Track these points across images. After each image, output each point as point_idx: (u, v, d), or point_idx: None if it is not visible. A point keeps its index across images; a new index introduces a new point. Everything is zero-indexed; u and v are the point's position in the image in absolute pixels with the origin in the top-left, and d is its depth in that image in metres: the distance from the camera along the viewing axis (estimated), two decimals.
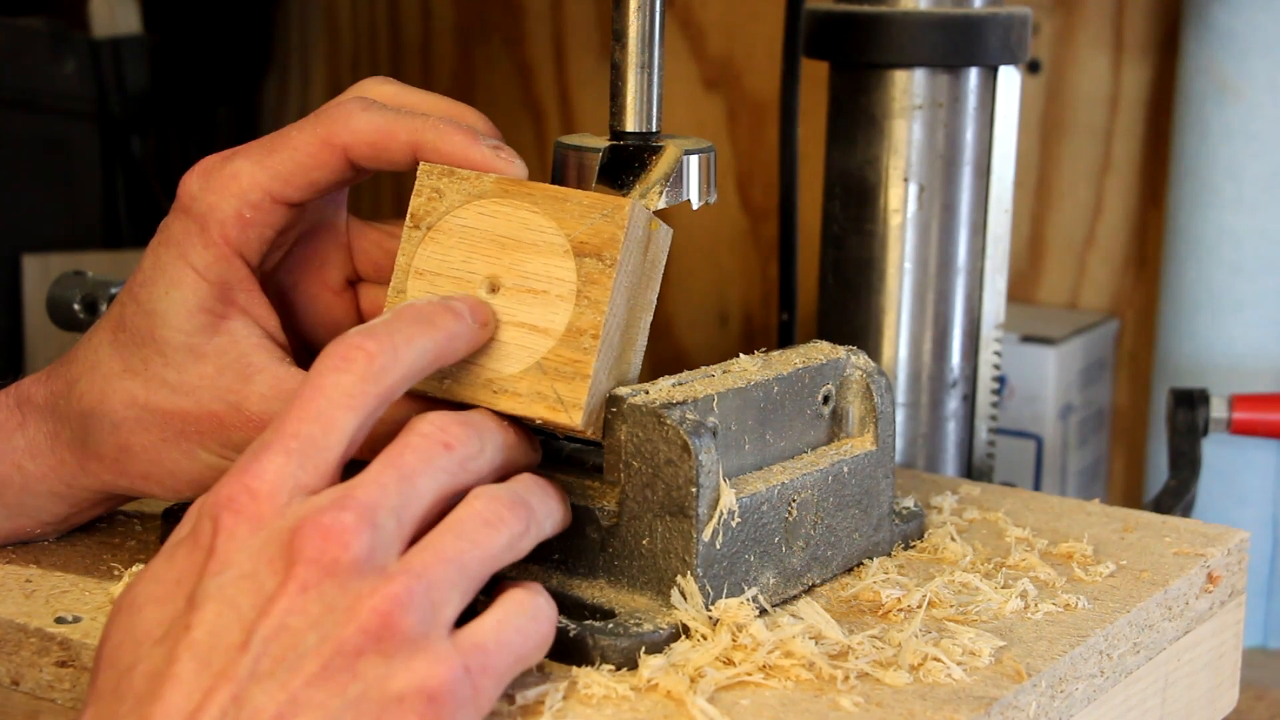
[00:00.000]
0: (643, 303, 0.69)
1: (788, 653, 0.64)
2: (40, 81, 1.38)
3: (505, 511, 0.62)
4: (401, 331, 0.63)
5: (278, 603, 0.56)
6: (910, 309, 0.95)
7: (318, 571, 0.56)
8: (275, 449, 0.59)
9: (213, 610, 0.56)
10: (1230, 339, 1.11)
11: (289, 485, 0.58)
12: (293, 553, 0.56)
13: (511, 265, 0.68)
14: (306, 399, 0.60)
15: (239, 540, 0.57)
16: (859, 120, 0.94)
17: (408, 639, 0.56)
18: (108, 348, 0.72)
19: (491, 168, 0.69)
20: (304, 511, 0.57)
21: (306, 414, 0.60)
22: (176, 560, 0.59)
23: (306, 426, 0.59)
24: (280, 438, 0.59)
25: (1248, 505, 1.11)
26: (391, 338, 0.62)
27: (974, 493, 0.86)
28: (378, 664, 0.55)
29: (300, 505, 0.58)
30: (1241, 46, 1.07)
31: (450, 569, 0.58)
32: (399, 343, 0.62)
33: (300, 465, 0.59)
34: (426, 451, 0.61)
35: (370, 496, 0.58)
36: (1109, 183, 1.25)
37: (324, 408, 0.60)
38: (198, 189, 0.71)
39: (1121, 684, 0.71)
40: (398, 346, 0.62)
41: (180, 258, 0.71)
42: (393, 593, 0.56)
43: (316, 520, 0.57)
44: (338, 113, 0.70)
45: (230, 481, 0.59)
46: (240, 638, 0.55)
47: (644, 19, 0.74)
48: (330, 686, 0.55)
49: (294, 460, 0.59)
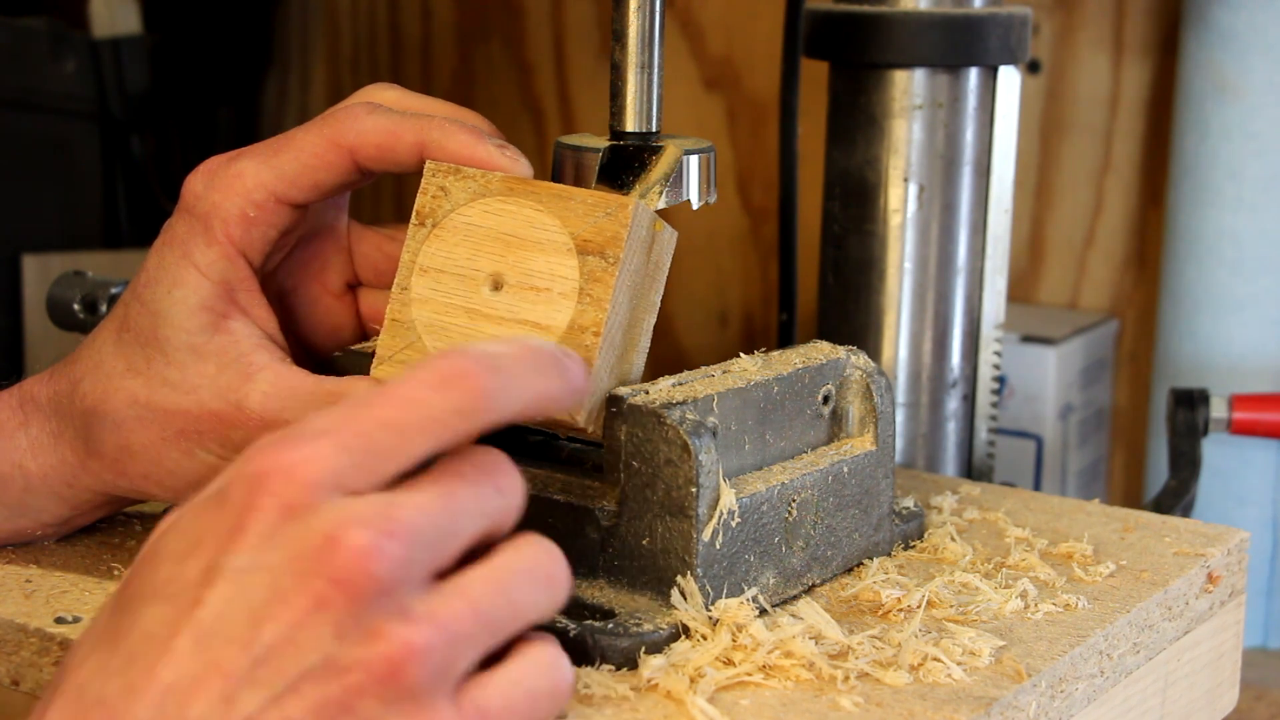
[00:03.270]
0: (646, 304, 0.70)
1: (788, 653, 0.64)
2: (40, 81, 1.38)
3: (554, 570, 0.57)
4: (519, 377, 0.57)
5: (291, 611, 0.52)
6: (910, 309, 0.95)
7: (340, 593, 0.52)
8: (334, 441, 0.54)
9: (225, 593, 0.52)
10: (1230, 339, 1.11)
11: (334, 482, 0.53)
12: (319, 563, 0.52)
13: (515, 263, 0.68)
14: (391, 405, 0.55)
15: (267, 525, 0.53)
16: (859, 120, 0.94)
17: (412, 693, 0.52)
18: (111, 347, 0.72)
19: (497, 166, 0.70)
20: (341, 518, 0.53)
21: (384, 420, 0.54)
22: (202, 519, 0.54)
23: (378, 433, 0.54)
24: (345, 430, 0.54)
25: (1248, 505, 1.11)
26: (509, 381, 0.56)
27: (974, 493, 0.86)
28: (375, 708, 0.52)
29: (339, 508, 0.53)
30: (1241, 46, 1.07)
31: (478, 626, 0.54)
32: (512, 388, 0.57)
33: (354, 467, 0.54)
34: (479, 489, 0.56)
35: (413, 523, 0.53)
36: (1109, 183, 1.25)
37: (405, 423, 0.55)
38: (202, 188, 0.72)
39: (1121, 684, 0.71)
40: (509, 390, 0.56)
41: (184, 257, 0.71)
42: (411, 642, 0.52)
43: (351, 537, 0.52)
44: (344, 115, 0.71)
45: (276, 453, 0.54)
46: (245, 633, 0.52)
47: (644, 19, 0.74)
48: (321, 715, 0.52)
49: (349, 460, 0.54)
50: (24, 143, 1.38)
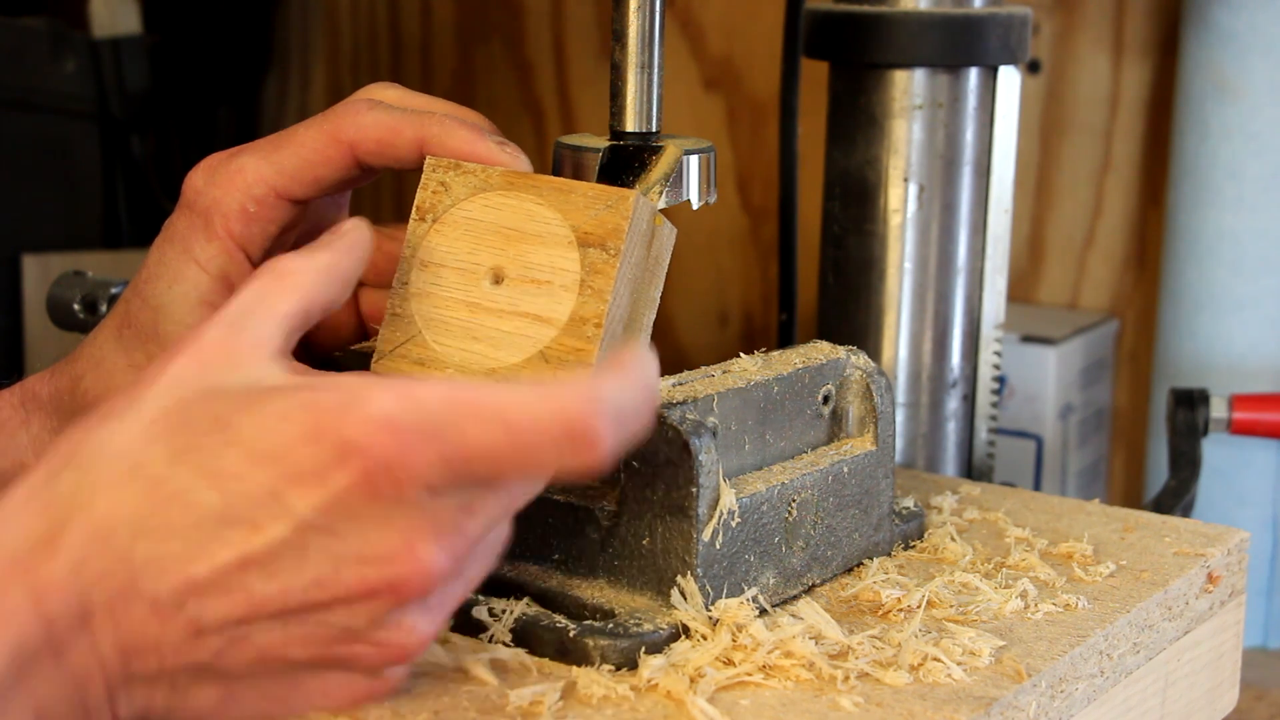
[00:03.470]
0: (646, 299, 0.70)
1: (788, 653, 0.64)
2: (40, 81, 1.38)
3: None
4: (631, 433, 0.55)
5: (340, 590, 0.54)
6: (910, 309, 0.95)
7: (393, 596, 0.54)
8: (440, 453, 0.53)
9: (284, 536, 0.53)
10: (1230, 339, 1.11)
11: (424, 487, 0.54)
12: (386, 565, 0.54)
13: (516, 256, 0.68)
14: (508, 441, 0.54)
15: (347, 492, 0.53)
16: (859, 120, 0.94)
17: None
18: (112, 344, 0.72)
19: (497, 161, 0.70)
20: (420, 527, 0.54)
21: (492, 454, 0.54)
22: (288, 429, 0.53)
23: (480, 464, 0.54)
24: (453, 445, 0.53)
25: (1248, 505, 1.11)
26: (624, 440, 0.55)
27: (974, 493, 0.86)
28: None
29: (420, 516, 0.54)
30: (1241, 46, 1.07)
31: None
32: (622, 445, 0.55)
33: (445, 481, 0.54)
34: (524, 496, 0.58)
35: (471, 544, 0.56)
36: (1109, 183, 1.25)
37: (509, 464, 0.54)
38: (203, 184, 0.72)
39: (1121, 684, 0.71)
40: (618, 449, 0.55)
41: (184, 252, 0.71)
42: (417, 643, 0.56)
43: (423, 552, 0.54)
44: (344, 111, 0.71)
45: (385, 431, 0.53)
46: (290, 581, 0.53)
47: (644, 19, 0.74)
48: (319, 655, 0.55)
49: (444, 477, 0.54)
50: (24, 143, 1.38)
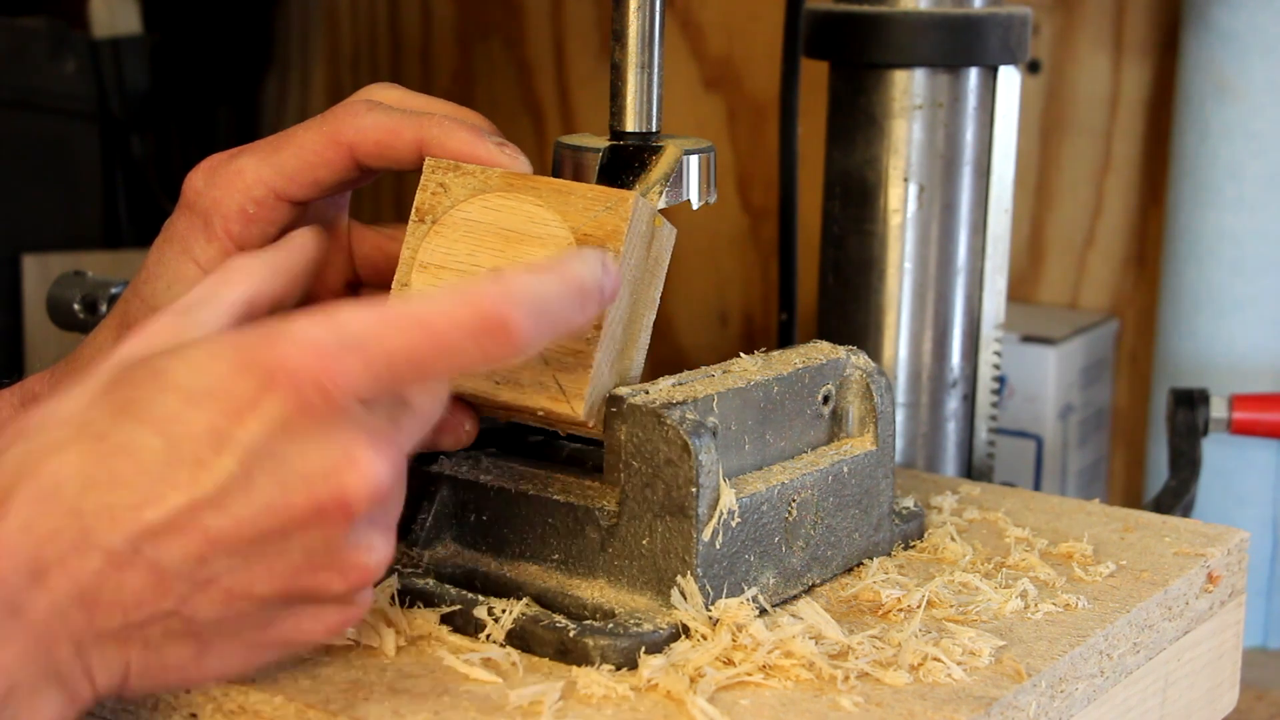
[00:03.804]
0: (646, 300, 0.70)
1: (788, 653, 0.64)
2: (40, 81, 1.38)
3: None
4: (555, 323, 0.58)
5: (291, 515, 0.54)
6: (910, 309, 0.95)
7: (341, 516, 0.55)
8: (363, 360, 0.55)
9: (231, 468, 0.54)
10: (1230, 339, 1.11)
11: (353, 397, 0.55)
12: (329, 482, 0.54)
13: (515, 257, 0.68)
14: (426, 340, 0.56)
15: (284, 415, 0.54)
16: (859, 120, 0.94)
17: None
18: (112, 344, 0.72)
19: (496, 162, 0.70)
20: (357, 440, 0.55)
21: (413, 353, 0.56)
22: (216, 367, 0.55)
23: (404, 365, 0.56)
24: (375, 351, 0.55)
25: (1248, 505, 1.11)
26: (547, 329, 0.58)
27: (974, 493, 0.86)
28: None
29: (355, 428, 0.55)
30: (1241, 46, 1.07)
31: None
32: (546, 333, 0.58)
33: (372, 387, 0.55)
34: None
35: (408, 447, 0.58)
36: (1109, 183, 1.25)
37: (431, 361, 0.56)
38: (202, 184, 0.72)
39: (1121, 684, 0.71)
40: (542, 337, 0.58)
41: (183, 252, 0.71)
42: (376, 566, 0.57)
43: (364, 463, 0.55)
44: (344, 112, 0.71)
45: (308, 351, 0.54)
46: (243, 512, 0.54)
47: (644, 19, 0.74)
48: (284, 589, 0.56)
49: (371, 382, 0.55)
50: (24, 143, 1.38)
